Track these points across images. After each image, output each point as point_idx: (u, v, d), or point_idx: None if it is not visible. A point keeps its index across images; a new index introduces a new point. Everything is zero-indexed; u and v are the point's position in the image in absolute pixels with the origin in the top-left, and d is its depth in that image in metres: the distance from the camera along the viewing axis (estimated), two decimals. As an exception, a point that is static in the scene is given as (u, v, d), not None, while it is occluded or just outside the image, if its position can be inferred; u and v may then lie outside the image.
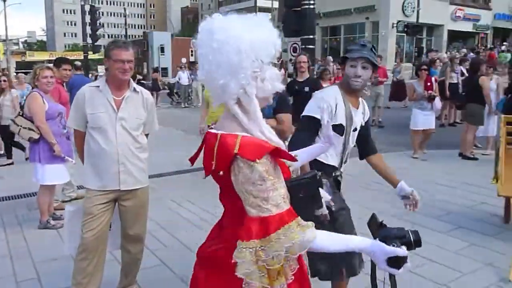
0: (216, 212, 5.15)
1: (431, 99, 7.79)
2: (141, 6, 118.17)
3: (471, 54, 26.17)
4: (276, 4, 37.59)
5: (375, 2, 31.65)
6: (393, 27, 31.16)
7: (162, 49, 45.41)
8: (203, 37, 1.50)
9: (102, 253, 3.10)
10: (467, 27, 37.11)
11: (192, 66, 21.00)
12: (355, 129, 2.79)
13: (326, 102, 2.58)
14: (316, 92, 2.88)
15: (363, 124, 2.86)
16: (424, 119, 7.89)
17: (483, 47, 31.52)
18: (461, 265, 3.95)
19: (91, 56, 22.56)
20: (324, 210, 1.74)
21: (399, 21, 30.77)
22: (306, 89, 5.92)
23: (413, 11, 29.69)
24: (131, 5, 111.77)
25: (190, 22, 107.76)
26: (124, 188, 3.05)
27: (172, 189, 6.37)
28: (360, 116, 2.81)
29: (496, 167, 4.56)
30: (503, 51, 25.74)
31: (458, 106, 9.83)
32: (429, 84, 7.86)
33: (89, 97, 3.00)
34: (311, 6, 6.28)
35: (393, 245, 1.42)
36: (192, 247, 4.33)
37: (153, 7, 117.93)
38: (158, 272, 3.86)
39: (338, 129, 2.65)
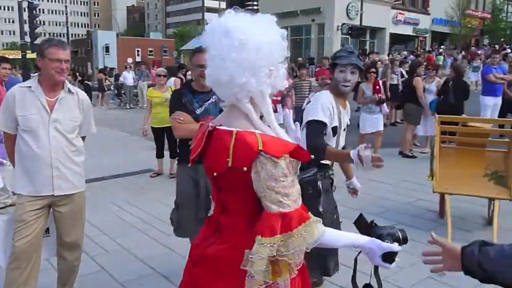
0: (160, 215, 5.07)
1: (380, 102, 7.91)
2: (84, 4, 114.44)
3: (411, 56, 27.25)
4: (223, 5, 37.53)
5: (320, 4, 32.30)
6: (338, 29, 31.93)
7: (107, 49, 44.27)
8: (217, 37, 1.50)
9: (36, 262, 2.96)
10: (408, 30, 38.65)
11: (138, 66, 20.52)
12: (344, 129, 3.00)
13: (329, 107, 2.80)
14: (313, 97, 2.97)
15: (349, 123, 3.07)
16: (372, 122, 7.99)
17: (422, 50, 32.93)
18: (400, 259, 4.09)
19: (30, 55, 21.56)
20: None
21: (344, 23, 31.57)
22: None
23: (356, 14, 30.52)
24: (73, 3, 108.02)
25: (136, 21, 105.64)
26: (58, 193, 2.92)
27: (114, 192, 6.20)
28: (347, 117, 3.01)
29: (432, 165, 4.75)
30: (440, 54, 26.98)
31: (397, 106, 10.22)
32: (377, 87, 8.03)
33: (20, 98, 2.85)
34: (255, 7, 6.28)
35: (387, 242, 1.56)
36: (134, 251, 4.23)
37: (97, 5, 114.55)
38: (97, 278, 3.73)
39: (333, 130, 2.86)
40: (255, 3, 6.26)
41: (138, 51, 54.88)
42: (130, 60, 25.04)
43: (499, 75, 9.21)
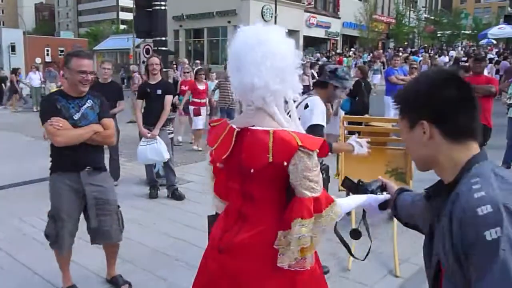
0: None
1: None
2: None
3: (324, 58, 28.31)
4: (137, 4, 36.53)
5: (236, 6, 32.49)
6: (253, 31, 32.30)
7: (13, 48, 41.24)
8: (250, 47, 1.72)
9: None
10: (320, 33, 40.07)
11: (48, 66, 19.29)
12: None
13: (324, 111, 3.37)
14: (312, 101, 3.38)
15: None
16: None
17: (334, 52, 34.35)
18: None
19: None
20: None
21: (259, 25, 31.98)
22: (159, 91, 5.78)
23: (271, 16, 31.07)
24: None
25: (46, 19, 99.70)
26: None
27: (14, 203, 5.76)
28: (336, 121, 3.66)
29: (337, 164, 4.92)
30: (349, 56, 28.27)
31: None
32: None
33: None
34: (163, 8, 6.13)
35: (379, 194, 1.84)
36: (33, 267, 3.94)
37: (2, 1, 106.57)
38: (-11, 299, 3.43)
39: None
40: (163, 3, 6.11)
41: (47, 50, 51.76)
42: (38, 60, 23.53)
43: (400, 76, 9.82)
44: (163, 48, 6.30)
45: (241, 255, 1.79)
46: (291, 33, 36.25)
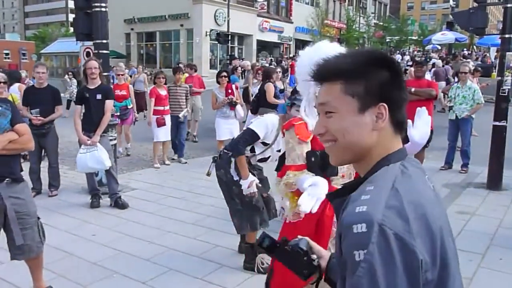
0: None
1: (232, 105, 8.00)
2: None
3: (274, 62, 28.48)
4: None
5: (188, 10, 32.18)
6: (206, 35, 32.11)
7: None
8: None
9: None
10: (273, 37, 40.33)
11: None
12: (279, 150, 3.78)
13: (268, 126, 3.72)
14: (265, 114, 3.83)
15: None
16: (226, 127, 8.02)
17: (287, 57, 34.64)
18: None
19: None
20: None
21: (212, 29, 31.84)
22: (98, 96, 5.55)
23: (224, 20, 30.98)
24: None
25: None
26: None
27: None
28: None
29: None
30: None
31: (251, 110, 10.44)
32: (229, 91, 8.11)
33: None
34: (103, 9, 5.91)
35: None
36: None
37: None
38: None
39: (264, 144, 3.85)
40: (103, 4, 5.88)
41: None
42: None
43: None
44: (104, 51, 6.07)
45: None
46: (245, 37, 36.34)
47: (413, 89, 6.95)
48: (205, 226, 5.07)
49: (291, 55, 36.88)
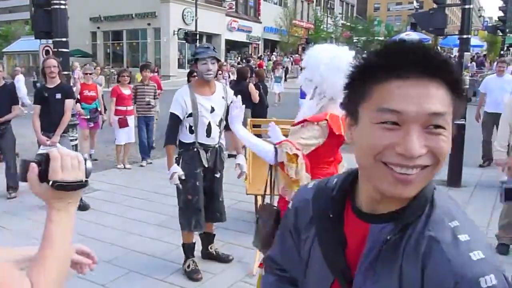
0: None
1: None
2: None
3: (244, 61, 28.51)
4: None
5: (156, 9, 31.84)
6: (174, 34, 31.85)
7: None
8: (328, 60, 2.56)
9: None
10: (242, 37, 40.36)
11: None
12: (212, 111, 3.75)
13: (179, 100, 3.66)
14: (176, 92, 3.75)
15: (228, 104, 3.65)
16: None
17: (256, 56, 34.75)
18: (215, 265, 4.09)
19: None
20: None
21: (180, 28, 31.60)
22: (58, 95, 5.41)
23: (192, 20, 30.78)
24: None
25: None
26: None
27: None
28: (218, 99, 3.78)
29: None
30: (269, 60, 28.71)
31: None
32: None
33: None
34: (63, 6, 5.76)
35: None
36: None
37: None
38: None
39: (191, 116, 3.71)
40: (62, 1, 5.74)
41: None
42: None
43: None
44: (64, 50, 5.93)
45: None
46: (213, 36, 36.17)
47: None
48: (169, 227, 5.01)
49: (259, 55, 37.02)
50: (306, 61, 2.70)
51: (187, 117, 3.71)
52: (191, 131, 3.75)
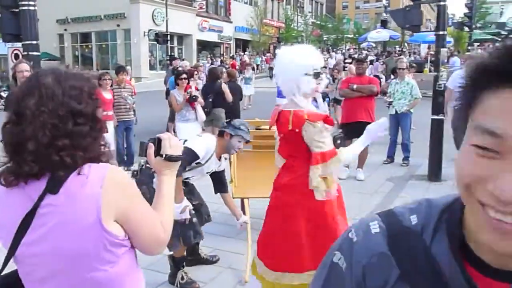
0: None
1: (192, 100, 7.43)
2: None
3: (218, 62, 28.34)
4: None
5: (125, 10, 31.29)
6: (144, 35, 31.38)
7: None
8: (281, 60, 2.97)
9: None
10: (213, 37, 40.12)
11: None
12: (208, 172, 3.83)
13: (208, 151, 3.58)
14: (207, 138, 3.70)
15: (218, 170, 3.91)
16: (188, 132, 7.61)
17: (228, 56, 34.59)
18: (205, 273, 3.96)
19: None
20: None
21: (150, 29, 31.15)
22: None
23: (162, 20, 30.40)
24: None
25: None
26: None
27: None
28: (216, 165, 3.81)
29: (230, 171, 4.75)
30: (241, 59, 28.55)
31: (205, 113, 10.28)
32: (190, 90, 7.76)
33: None
34: (32, 8, 5.52)
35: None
36: None
37: None
38: None
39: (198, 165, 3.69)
40: (31, 2, 5.49)
41: None
42: None
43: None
44: (35, 53, 5.68)
45: (284, 190, 2.96)
46: (184, 37, 35.85)
47: (355, 86, 7.07)
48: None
49: (231, 55, 36.87)
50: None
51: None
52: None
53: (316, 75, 2.84)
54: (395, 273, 0.73)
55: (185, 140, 3.50)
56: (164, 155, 1.53)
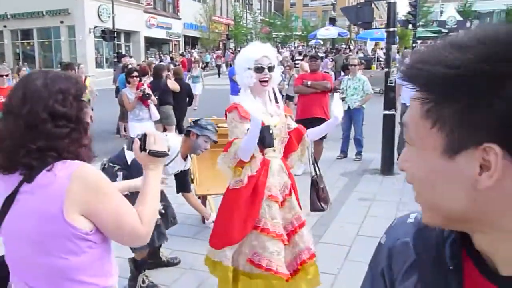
0: None
1: (145, 98, 7.14)
2: None
3: (168, 59, 27.90)
4: None
5: (68, 5, 30.15)
6: (90, 32, 30.37)
7: None
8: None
9: None
10: (161, 34, 39.45)
11: None
12: (172, 173, 3.72)
13: (172, 151, 3.43)
14: (171, 138, 3.58)
15: (183, 170, 3.85)
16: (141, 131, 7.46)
17: (177, 53, 34.12)
18: (167, 275, 3.87)
19: None
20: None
21: (96, 26, 30.18)
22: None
23: (109, 17, 29.57)
24: None
25: None
26: None
27: None
28: (181, 165, 3.75)
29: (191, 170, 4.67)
30: (191, 56, 28.26)
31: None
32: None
33: None
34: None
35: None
36: None
37: None
38: None
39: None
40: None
41: None
42: None
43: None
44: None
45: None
46: (131, 34, 35.08)
47: (309, 82, 7.14)
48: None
49: (180, 52, 36.41)
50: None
51: None
52: None
53: (258, 69, 2.84)
54: (410, 261, 0.77)
55: None
56: (148, 150, 1.60)
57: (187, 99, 9.18)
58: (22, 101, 1.43)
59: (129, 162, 3.46)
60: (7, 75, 7.33)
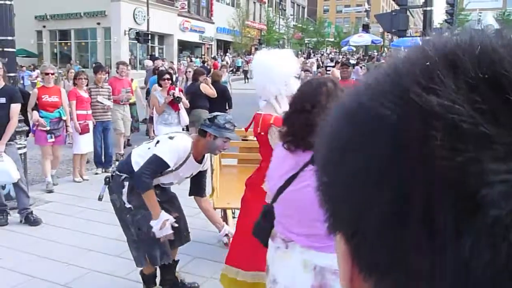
0: None
1: (176, 102, 7.08)
2: None
3: (197, 62, 28.08)
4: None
5: (105, 8, 30.80)
6: (125, 34, 30.91)
7: None
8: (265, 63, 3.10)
9: None
10: (194, 37, 39.83)
11: None
12: (188, 177, 3.44)
13: (180, 154, 3.17)
14: (173, 133, 3.44)
15: (200, 172, 3.48)
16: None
17: (210, 57, 34.37)
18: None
19: None
20: None
21: (131, 28, 30.71)
22: (2, 100, 4.91)
23: (144, 19, 30.05)
24: None
25: None
26: None
27: None
28: (197, 169, 3.39)
29: (212, 182, 4.50)
30: (223, 61, 28.44)
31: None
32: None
33: None
34: (8, 2, 5.28)
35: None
36: None
37: None
38: None
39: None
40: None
41: None
42: None
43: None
44: (10, 49, 5.43)
45: (249, 188, 3.19)
46: (165, 37, 35.58)
47: (341, 91, 6.99)
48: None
49: (212, 56, 36.67)
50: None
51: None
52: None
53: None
54: None
55: (157, 142, 3.20)
56: None
57: (226, 103, 9.02)
58: (327, 97, 1.94)
59: (135, 170, 3.20)
60: (53, 74, 6.87)
